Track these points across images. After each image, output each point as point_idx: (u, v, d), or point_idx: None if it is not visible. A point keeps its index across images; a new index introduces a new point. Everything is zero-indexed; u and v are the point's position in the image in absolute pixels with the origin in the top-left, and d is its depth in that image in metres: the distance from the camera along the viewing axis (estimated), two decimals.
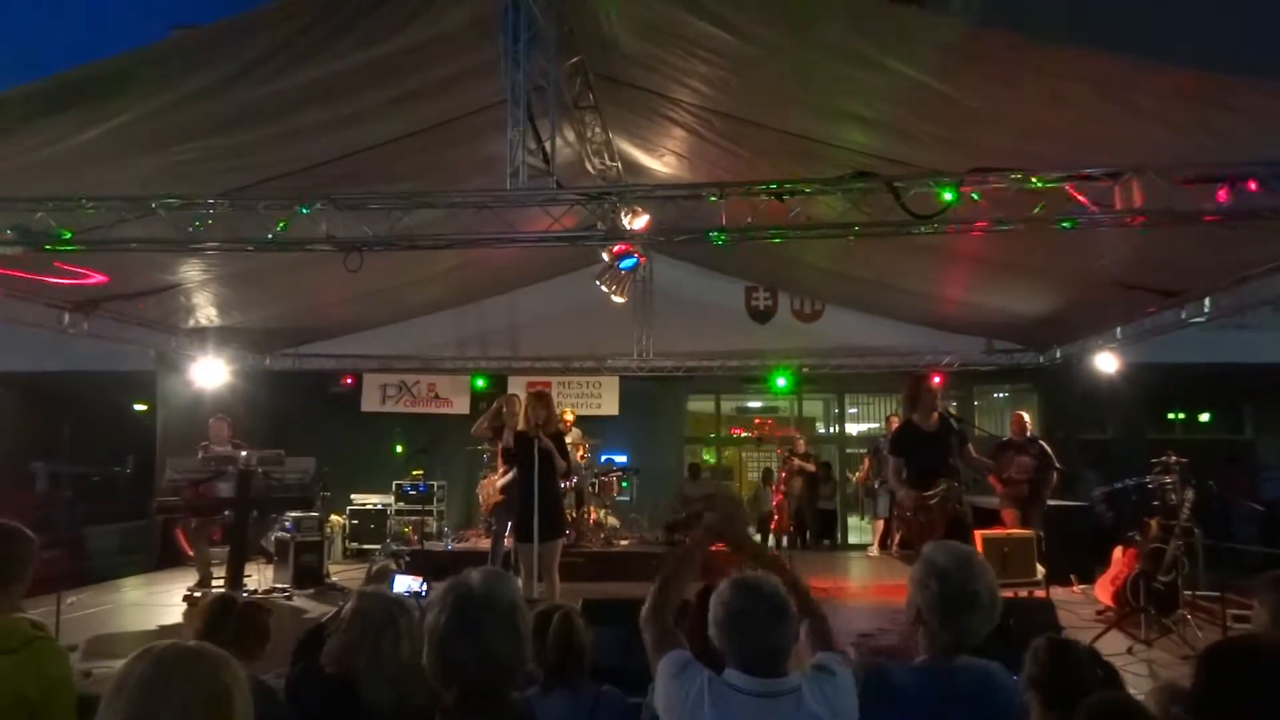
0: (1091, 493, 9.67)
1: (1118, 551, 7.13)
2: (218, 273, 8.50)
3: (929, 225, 5.39)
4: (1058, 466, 8.76)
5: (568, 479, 8.50)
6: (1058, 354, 10.97)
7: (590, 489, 10.42)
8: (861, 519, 13.25)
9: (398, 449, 12.36)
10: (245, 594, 7.03)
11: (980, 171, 5.35)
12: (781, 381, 12.11)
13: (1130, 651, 5.87)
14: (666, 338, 11.71)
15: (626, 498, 11.50)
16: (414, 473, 11.52)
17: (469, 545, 10.27)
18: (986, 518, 8.57)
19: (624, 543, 10.30)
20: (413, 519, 11.11)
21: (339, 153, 6.68)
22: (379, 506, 11.19)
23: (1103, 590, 7.11)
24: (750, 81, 6.21)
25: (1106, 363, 9.75)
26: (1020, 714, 2.33)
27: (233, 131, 5.89)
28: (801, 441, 12.14)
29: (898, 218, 5.38)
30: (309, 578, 8.57)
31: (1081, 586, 8.07)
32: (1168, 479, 6.80)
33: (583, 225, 6.43)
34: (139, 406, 12.01)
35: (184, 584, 8.31)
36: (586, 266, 9.96)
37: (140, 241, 6.11)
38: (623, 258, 8.35)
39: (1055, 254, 7.32)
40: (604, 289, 8.87)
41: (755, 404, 15.10)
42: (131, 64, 5.08)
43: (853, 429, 14.06)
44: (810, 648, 2.42)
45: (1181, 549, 6.51)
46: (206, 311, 9.82)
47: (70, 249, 6.07)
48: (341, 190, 6.04)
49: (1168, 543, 6.53)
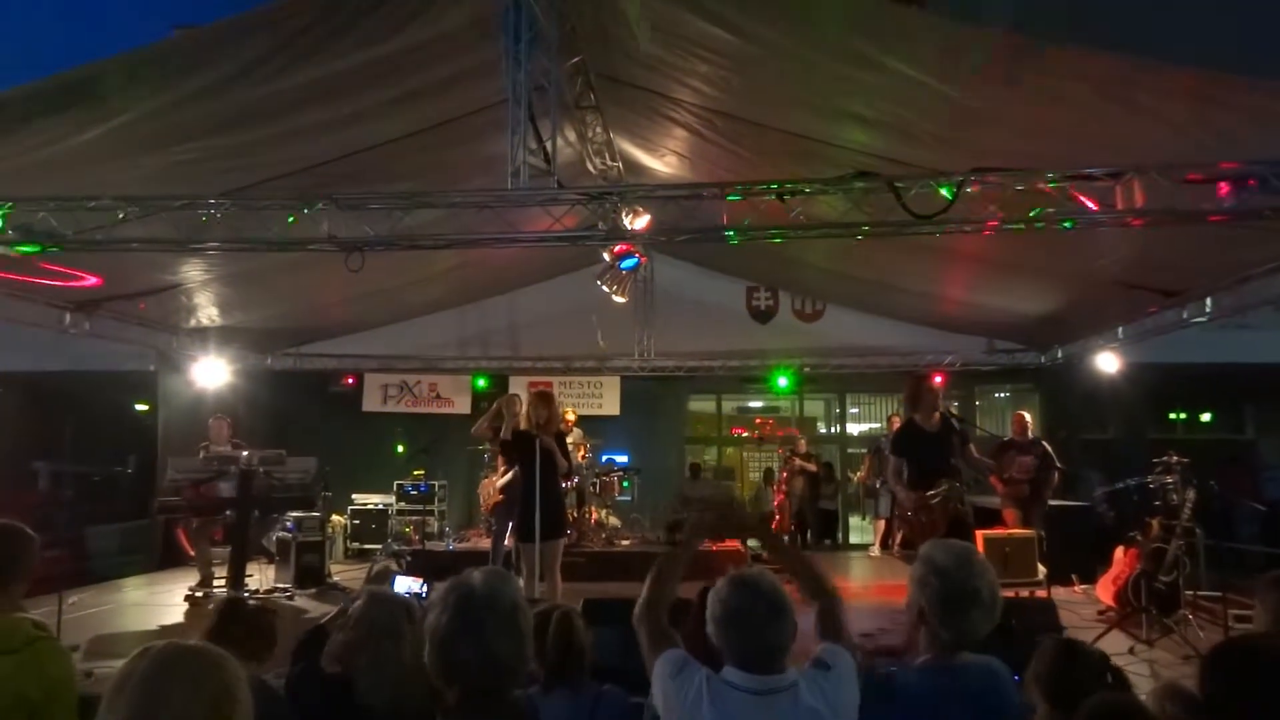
0: (1093, 492, 9.67)
1: (1119, 551, 7.12)
2: (219, 273, 8.50)
3: (930, 225, 5.39)
4: (1059, 466, 8.77)
5: (569, 479, 8.50)
6: (1059, 354, 10.96)
7: (591, 489, 10.40)
8: (863, 519, 13.25)
9: (399, 449, 12.35)
10: (247, 594, 7.04)
11: (981, 171, 5.35)
12: (783, 381, 12.11)
13: (1132, 651, 5.86)
14: (668, 338, 11.70)
15: (628, 498, 11.49)
16: (415, 473, 11.52)
17: (470, 545, 10.25)
18: (988, 518, 8.57)
19: (625, 543, 10.29)
20: (414, 519, 11.11)
21: (339, 153, 6.68)
22: (380, 506, 11.21)
23: (1104, 590, 7.11)
24: (751, 81, 6.20)
25: (1108, 362, 9.75)
26: (1021, 713, 2.32)
27: (233, 131, 5.89)
28: (803, 441, 12.14)
29: (899, 218, 5.37)
30: (310, 578, 8.59)
31: (1083, 586, 8.06)
32: (1169, 479, 6.80)
33: (584, 225, 6.44)
34: (140, 406, 11.99)
35: (185, 584, 8.34)
36: (587, 266, 9.96)
37: (141, 241, 6.11)
38: (624, 258, 8.37)
39: (1056, 254, 7.31)
40: (605, 289, 8.87)
41: (756, 404, 15.09)
42: (131, 64, 5.08)
43: (854, 429, 14.07)
44: (817, 635, 2.39)
45: (1183, 549, 6.51)
46: (208, 311, 9.83)
47: (74, 248, 6.07)
48: (342, 190, 6.04)
49: (1169, 543, 6.53)
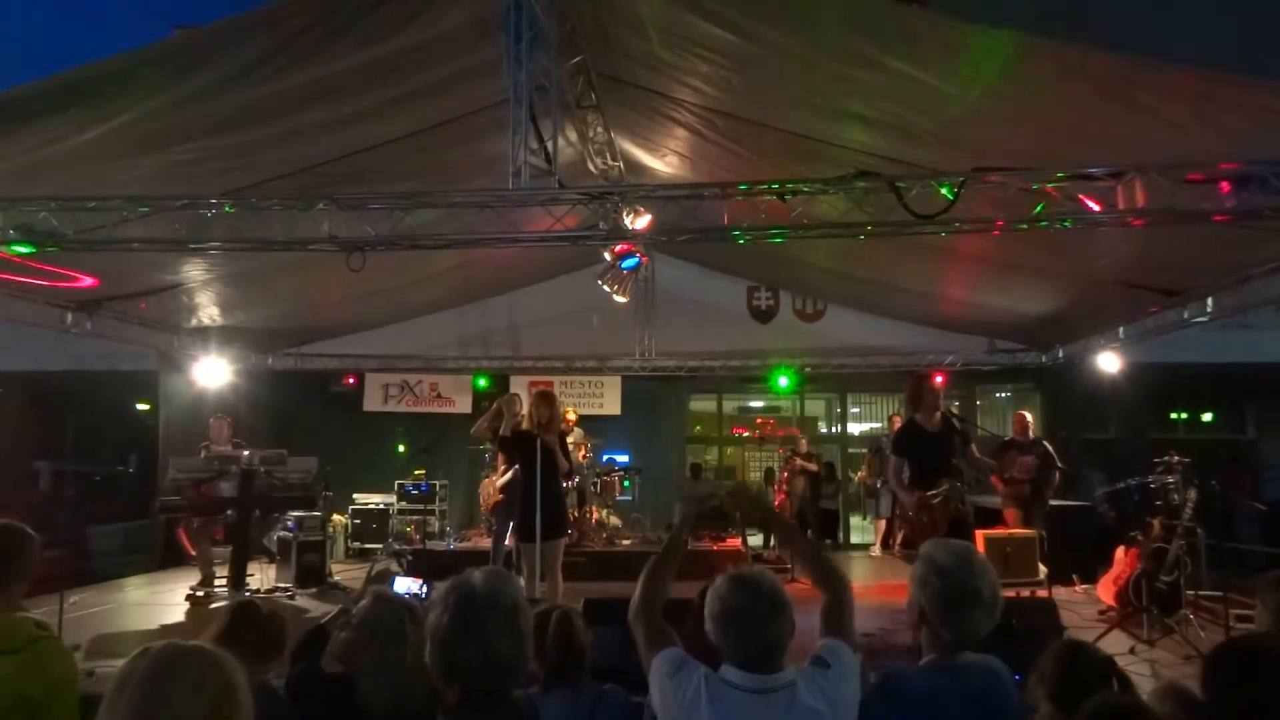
0: (1094, 492, 9.67)
1: (1120, 551, 7.12)
2: (220, 272, 8.50)
3: (931, 225, 5.38)
4: (1060, 466, 8.77)
5: (570, 478, 8.50)
6: (1060, 354, 10.95)
7: (592, 489, 10.41)
8: (864, 519, 13.25)
9: (400, 449, 12.37)
10: (247, 594, 7.04)
11: (982, 171, 5.35)
12: (784, 381, 12.11)
13: (1133, 651, 5.86)
14: (668, 337, 11.70)
15: (628, 497, 11.49)
16: (416, 472, 11.53)
17: (471, 545, 10.25)
18: (989, 517, 8.58)
19: (626, 542, 10.28)
20: (415, 518, 11.13)
21: (340, 153, 6.68)
22: (381, 506, 11.22)
23: (1105, 590, 7.10)
24: (752, 81, 6.20)
25: (1109, 362, 9.74)
26: (1022, 712, 2.32)
27: (233, 131, 5.89)
28: (803, 441, 12.11)
29: (900, 218, 5.37)
30: (311, 577, 8.58)
31: (1084, 586, 8.05)
32: (1170, 479, 6.80)
33: (585, 225, 6.44)
34: (141, 406, 12.00)
35: (186, 584, 8.33)
36: (588, 266, 9.97)
37: (142, 241, 6.12)
38: (625, 257, 8.38)
39: (1057, 253, 7.31)
40: (606, 288, 8.87)
41: (757, 404, 15.11)
42: (132, 64, 5.08)
43: (855, 429, 14.06)
44: (821, 627, 2.37)
45: (1184, 549, 6.50)
46: (209, 311, 9.83)
47: (74, 248, 6.08)
48: (343, 190, 6.04)
49: (1170, 542, 6.53)
